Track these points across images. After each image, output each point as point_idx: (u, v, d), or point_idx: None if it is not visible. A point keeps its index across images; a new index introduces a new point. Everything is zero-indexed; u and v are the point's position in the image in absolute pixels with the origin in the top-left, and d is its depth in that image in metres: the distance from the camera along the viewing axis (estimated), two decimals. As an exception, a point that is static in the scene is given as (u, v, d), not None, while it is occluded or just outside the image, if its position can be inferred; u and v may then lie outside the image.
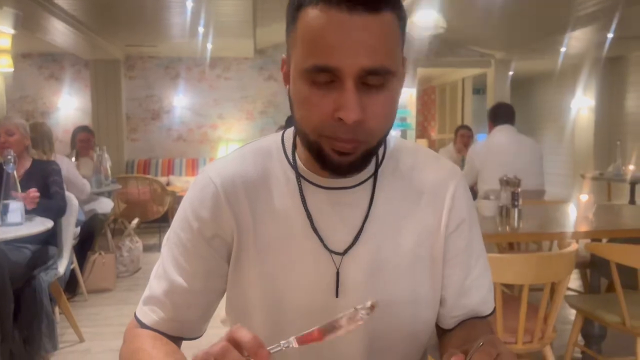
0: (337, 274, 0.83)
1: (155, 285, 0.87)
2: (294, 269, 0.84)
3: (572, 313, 3.16)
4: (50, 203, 2.97)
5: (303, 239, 0.83)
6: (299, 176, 0.85)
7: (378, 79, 0.70)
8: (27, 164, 3.10)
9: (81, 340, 3.18)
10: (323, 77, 0.70)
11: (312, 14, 0.69)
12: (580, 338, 2.59)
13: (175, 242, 0.86)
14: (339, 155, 0.74)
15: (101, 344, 3.14)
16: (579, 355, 2.71)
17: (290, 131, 0.90)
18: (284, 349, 0.63)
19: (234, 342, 0.61)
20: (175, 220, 0.88)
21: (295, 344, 0.63)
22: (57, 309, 3.09)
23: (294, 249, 0.84)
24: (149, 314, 0.87)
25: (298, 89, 0.73)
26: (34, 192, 2.76)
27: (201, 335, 0.90)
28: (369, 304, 0.64)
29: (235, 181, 0.85)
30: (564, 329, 3.01)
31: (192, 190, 0.87)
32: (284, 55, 0.79)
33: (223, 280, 0.88)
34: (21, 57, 7.19)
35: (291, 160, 0.86)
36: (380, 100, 0.72)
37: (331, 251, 0.83)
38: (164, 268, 0.87)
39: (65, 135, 6.24)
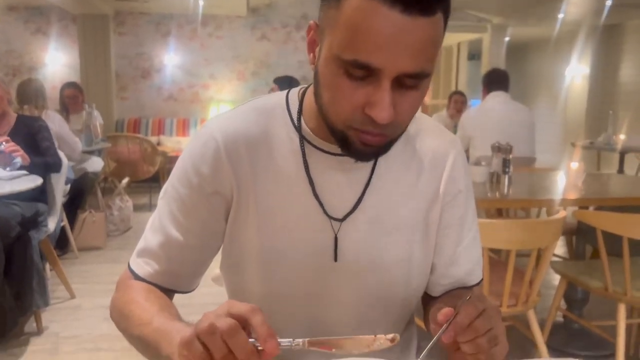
0: (336, 239, 0.84)
1: (150, 237, 0.87)
2: (292, 232, 0.84)
3: (556, 278, 3.23)
4: (44, 159, 2.94)
5: (303, 203, 0.84)
6: (302, 140, 0.84)
7: (414, 82, 0.69)
8: (12, 120, 3.04)
9: (72, 296, 3.21)
10: (360, 72, 0.67)
11: (363, 4, 0.65)
12: (563, 302, 2.66)
13: (173, 196, 0.85)
14: (364, 146, 0.73)
15: (92, 300, 3.17)
16: (561, 319, 2.78)
17: (294, 92, 0.88)
18: (293, 347, 0.62)
19: (240, 319, 0.60)
20: (173, 173, 0.87)
21: (306, 346, 0.62)
22: (47, 266, 3.11)
23: (293, 211, 0.84)
24: (142, 266, 0.87)
25: (329, 72, 0.70)
26: (12, 146, 2.71)
27: (194, 289, 0.91)
28: (390, 336, 0.64)
29: (238, 139, 0.83)
30: (548, 293, 3.09)
31: (193, 144, 0.86)
32: (312, 21, 0.76)
33: (219, 237, 0.88)
34: (7, 9, 6.98)
35: (296, 123, 0.85)
36: (411, 98, 0.71)
37: (330, 217, 0.84)
38: (160, 221, 0.86)
39: (53, 92, 6.13)
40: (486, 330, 0.69)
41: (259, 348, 0.59)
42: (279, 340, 0.60)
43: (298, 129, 0.84)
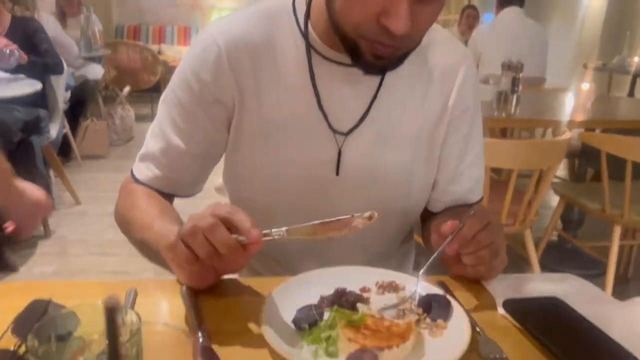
0: (339, 153, 0.83)
1: (151, 143, 0.86)
2: (296, 143, 0.83)
3: (554, 200, 3.27)
4: (43, 59, 2.89)
5: (308, 115, 0.81)
6: (309, 47, 0.80)
7: None
8: (6, 21, 2.93)
9: (77, 203, 3.27)
10: None
11: None
12: (559, 223, 2.70)
13: (174, 102, 0.83)
14: (375, 58, 0.70)
15: (97, 207, 3.23)
16: (555, 239, 2.85)
17: None
18: (275, 237, 0.63)
19: (223, 220, 0.61)
20: (174, 79, 0.84)
21: (285, 235, 0.63)
22: (51, 173, 3.14)
23: (297, 124, 0.82)
24: (144, 171, 0.87)
25: None
26: (6, 40, 2.65)
27: (195, 194, 0.91)
28: (367, 214, 0.64)
29: (240, 45, 0.80)
30: (545, 213, 3.13)
31: (194, 49, 0.83)
32: None
33: (220, 146, 0.87)
34: None
35: (303, 29, 0.80)
36: (430, 10, 0.67)
37: (335, 130, 0.82)
38: (161, 127, 0.85)
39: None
40: (489, 243, 0.70)
41: (243, 242, 0.61)
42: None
43: (305, 35, 0.80)
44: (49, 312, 0.60)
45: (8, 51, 2.64)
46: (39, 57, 2.88)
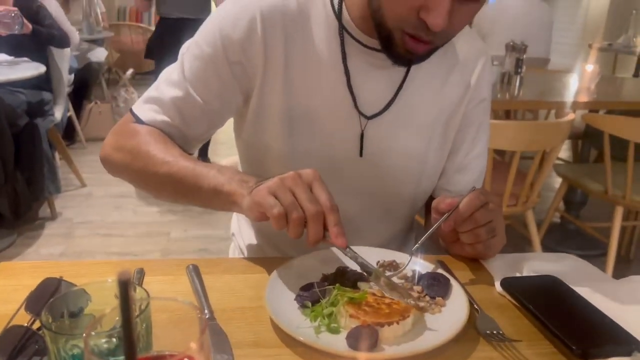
0: (362, 135, 0.84)
1: (165, 89, 0.84)
2: (320, 123, 0.83)
3: (556, 181, 3.27)
4: (49, 30, 2.91)
5: (335, 95, 0.82)
6: (342, 29, 0.80)
7: None
8: (9, 1, 2.92)
9: (83, 184, 3.29)
10: None
11: None
12: (561, 204, 2.71)
13: (197, 54, 0.82)
14: (406, 52, 0.71)
15: (103, 189, 3.26)
16: (558, 220, 2.86)
17: None
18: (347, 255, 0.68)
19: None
20: (201, 30, 0.83)
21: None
22: (57, 155, 3.16)
23: (324, 102, 0.82)
24: (150, 113, 0.84)
25: None
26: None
27: (191, 154, 0.89)
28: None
29: (275, 13, 0.79)
30: (547, 195, 3.14)
31: (228, 7, 0.81)
32: None
33: (231, 110, 0.86)
34: None
35: (336, 9, 0.80)
36: (468, 10, 0.68)
37: (360, 113, 0.82)
38: (179, 76, 0.83)
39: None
40: (486, 221, 0.71)
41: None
42: None
43: (339, 16, 0.80)
44: (60, 290, 0.62)
45: (13, 14, 2.61)
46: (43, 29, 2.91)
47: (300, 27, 0.80)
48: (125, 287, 0.26)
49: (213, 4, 3.40)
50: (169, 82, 0.84)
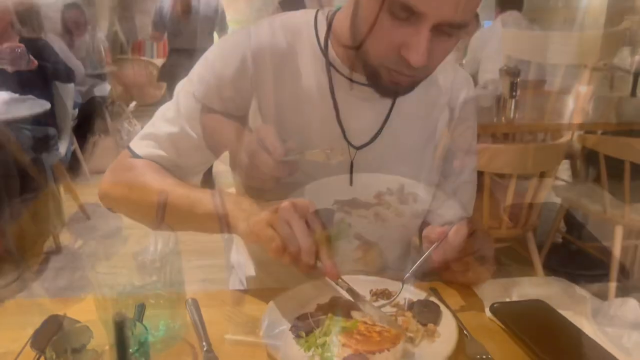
0: (351, 165, 0.87)
1: (161, 125, 0.87)
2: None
3: (558, 201, 3.28)
4: (54, 65, 2.96)
5: (324, 128, 0.85)
6: (329, 65, 0.84)
7: (453, 30, 0.69)
8: (14, 38, 2.99)
9: (88, 218, 3.32)
10: (403, 13, 0.67)
11: None
12: (562, 225, 2.72)
13: (191, 92, 0.85)
14: (392, 84, 0.75)
15: (107, 222, 3.28)
16: (560, 241, 2.86)
17: (323, 15, 0.86)
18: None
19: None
20: (195, 69, 0.86)
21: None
22: (61, 189, 3.19)
23: (313, 135, 0.85)
24: (147, 148, 0.88)
25: (371, 10, 0.70)
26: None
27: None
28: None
29: (265, 53, 0.83)
30: (549, 215, 3.14)
31: (222, 46, 0.85)
32: None
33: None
34: None
35: (323, 47, 0.84)
36: (445, 46, 0.72)
37: (350, 143, 0.86)
38: (175, 114, 0.86)
39: (49, 11, 5.96)
40: (475, 250, 0.73)
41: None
42: None
43: (325, 53, 0.84)
44: (64, 327, 0.64)
45: (19, 50, 2.67)
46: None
47: (289, 64, 0.84)
48: (120, 328, 0.28)
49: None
50: (165, 119, 0.87)
